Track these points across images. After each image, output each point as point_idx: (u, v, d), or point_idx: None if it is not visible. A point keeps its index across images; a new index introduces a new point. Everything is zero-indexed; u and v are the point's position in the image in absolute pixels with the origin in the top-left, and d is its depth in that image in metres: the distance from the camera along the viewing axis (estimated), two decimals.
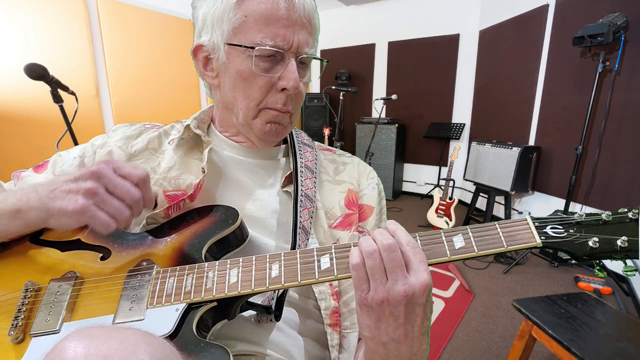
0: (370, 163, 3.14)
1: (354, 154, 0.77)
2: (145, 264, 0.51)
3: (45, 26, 2.71)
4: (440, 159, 4.38)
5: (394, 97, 3.44)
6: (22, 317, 0.47)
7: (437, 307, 2.11)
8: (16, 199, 0.49)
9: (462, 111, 4.23)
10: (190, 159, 0.64)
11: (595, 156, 2.53)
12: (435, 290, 2.28)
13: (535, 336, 1.27)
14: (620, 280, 2.31)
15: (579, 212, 0.44)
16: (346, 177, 0.71)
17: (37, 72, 1.63)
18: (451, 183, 3.45)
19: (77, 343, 0.30)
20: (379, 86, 4.81)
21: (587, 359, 1.00)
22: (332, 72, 4.81)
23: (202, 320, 0.47)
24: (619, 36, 2.24)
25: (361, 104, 4.94)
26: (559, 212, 0.45)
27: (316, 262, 0.46)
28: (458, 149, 3.38)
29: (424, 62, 4.37)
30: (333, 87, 3.64)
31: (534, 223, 0.44)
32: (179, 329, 0.45)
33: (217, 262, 0.49)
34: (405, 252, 0.41)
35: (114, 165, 0.49)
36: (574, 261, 2.08)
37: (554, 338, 1.11)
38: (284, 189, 0.65)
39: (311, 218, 0.61)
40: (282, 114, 0.60)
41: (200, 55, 0.60)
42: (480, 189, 3.33)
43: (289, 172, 0.66)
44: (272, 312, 0.54)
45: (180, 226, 0.56)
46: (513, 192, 2.99)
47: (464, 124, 4.18)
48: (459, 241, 0.44)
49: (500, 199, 3.24)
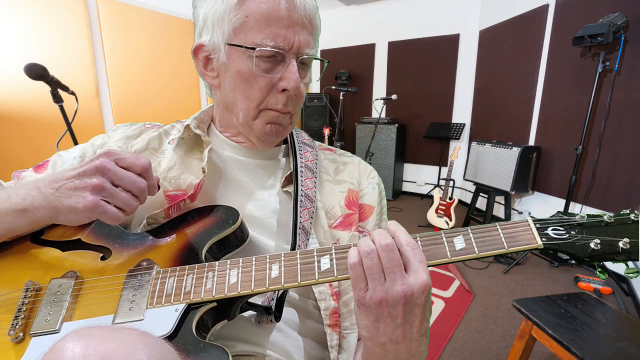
0: (370, 163, 3.12)
1: (354, 154, 0.77)
2: (145, 264, 0.51)
3: (45, 26, 2.71)
4: (440, 159, 4.38)
5: (394, 97, 3.44)
6: (22, 316, 0.47)
7: (437, 307, 2.11)
8: (20, 198, 0.49)
9: (462, 111, 4.23)
10: (190, 159, 0.64)
11: (595, 156, 2.53)
12: (435, 290, 2.27)
13: (535, 336, 1.27)
14: (620, 280, 2.31)
15: (581, 214, 0.44)
16: (346, 177, 0.71)
17: (37, 72, 1.63)
18: (451, 183, 3.45)
19: (76, 343, 0.30)
20: (379, 86, 4.80)
21: (587, 359, 1.00)
22: (332, 72, 4.81)
23: (201, 320, 0.47)
24: (619, 36, 2.24)
25: (361, 104, 4.94)
26: (560, 214, 0.44)
27: (316, 262, 0.46)
28: (458, 149, 3.37)
29: (424, 62, 4.37)
30: (333, 87, 3.64)
31: (535, 224, 0.43)
32: (179, 329, 0.44)
33: (217, 262, 0.49)
34: (405, 252, 0.41)
35: (116, 157, 0.49)
36: (574, 261, 2.09)
37: (554, 338, 1.11)
38: (284, 189, 0.65)
39: (311, 218, 0.61)
40: (283, 115, 0.60)
41: (200, 55, 0.60)
42: (480, 189, 3.33)
43: (289, 172, 0.65)
44: (272, 312, 0.54)
45: (180, 226, 0.56)
46: (513, 192, 2.99)
47: (464, 124, 4.18)
48: (459, 242, 0.44)
49: (500, 199, 3.24)
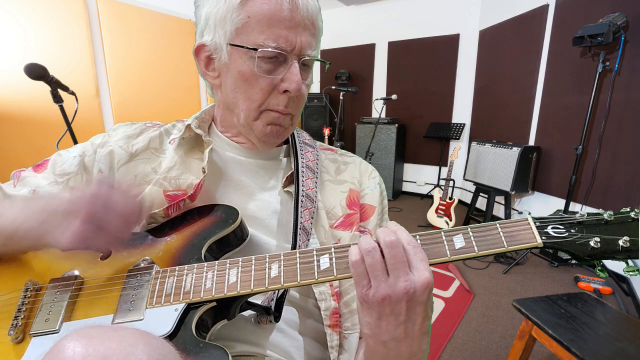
0: (370, 163, 3.13)
1: (355, 154, 0.77)
2: (145, 263, 0.51)
3: (45, 26, 2.70)
4: (440, 159, 4.37)
5: (394, 97, 3.44)
6: (22, 316, 0.47)
7: (437, 307, 2.11)
8: (8, 222, 0.50)
9: (462, 111, 4.23)
10: (190, 159, 0.64)
11: (595, 156, 2.53)
12: (435, 290, 2.27)
13: (535, 336, 1.26)
14: (620, 280, 2.31)
15: (581, 212, 0.44)
16: (347, 177, 0.70)
17: (37, 72, 1.63)
18: (451, 183, 3.45)
19: (76, 343, 0.30)
20: (379, 86, 4.80)
21: (587, 359, 1.00)
22: (332, 72, 4.81)
23: (201, 320, 0.47)
24: (619, 36, 2.24)
25: (361, 104, 4.93)
26: (560, 212, 0.44)
27: (315, 262, 0.46)
28: (458, 149, 3.37)
29: (424, 62, 4.37)
30: (333, 87, 3.64)
31: (535, 223, 0.43)
32: (178, 329, 0.44)
33: (216, 262, 0.49)
34: (407, 250, 0.41)
35: (105, 201, 0.47)
36: (574, 261, 2.09)
37: (554, 338, 1.11)
38: (285, 189, 0.65)
39: (312, 218, 0.61)
40: (284, 116, 0.59)
41: (202, 54, 0.59)
42: (480, 189, 3.32)
43: (290, 172, 0.65)
44: (271, 312, 0.54)
45: (180, 226, 0.56)
46: (513, 192, 2.99)
47: (464, 124, 4.17)
48: (459, 241, 0.44)
49: (500, 199, 3.24)
